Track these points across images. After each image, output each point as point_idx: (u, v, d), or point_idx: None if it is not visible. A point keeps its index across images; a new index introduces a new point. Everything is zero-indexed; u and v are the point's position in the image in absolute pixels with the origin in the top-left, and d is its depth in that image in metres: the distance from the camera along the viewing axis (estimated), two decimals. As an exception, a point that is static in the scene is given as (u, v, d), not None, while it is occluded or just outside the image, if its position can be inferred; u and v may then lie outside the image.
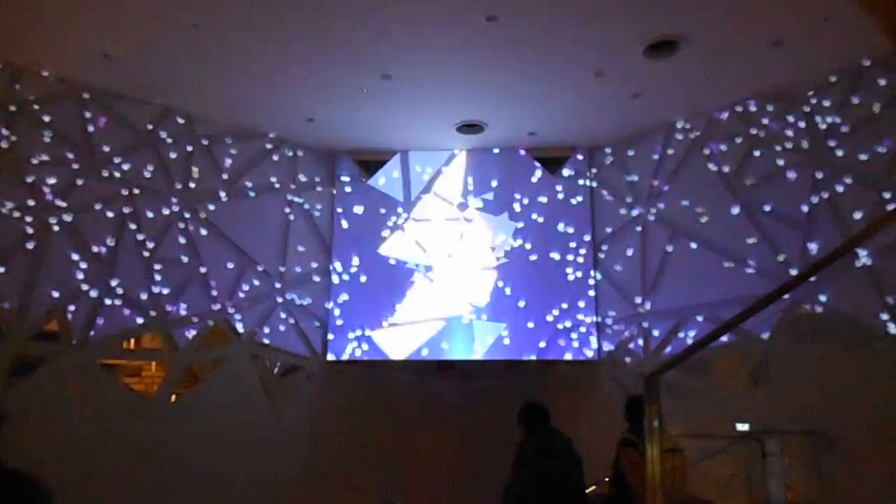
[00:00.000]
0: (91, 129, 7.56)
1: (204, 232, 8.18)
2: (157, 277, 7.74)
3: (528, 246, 9.00)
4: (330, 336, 8.93)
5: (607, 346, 8.69)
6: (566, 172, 9.18)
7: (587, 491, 5.69)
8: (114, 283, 7.44)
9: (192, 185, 8.18)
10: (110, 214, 7.55)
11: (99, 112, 7.63)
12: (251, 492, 7.85)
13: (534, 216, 9.07)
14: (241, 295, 8.33)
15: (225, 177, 8.44)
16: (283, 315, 8.63)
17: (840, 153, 7.04)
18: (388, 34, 6.51)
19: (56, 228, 7.18)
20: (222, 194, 8.40)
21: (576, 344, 8.73)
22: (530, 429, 4.73)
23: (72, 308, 7.16)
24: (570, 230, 9.00)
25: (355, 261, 9.12)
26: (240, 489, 7.78)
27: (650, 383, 2.86)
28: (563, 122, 8.53)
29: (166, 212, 7.94)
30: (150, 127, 7.94)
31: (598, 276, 8.90)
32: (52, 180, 7.22)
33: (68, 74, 7.35)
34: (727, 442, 6.67)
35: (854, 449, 6.23)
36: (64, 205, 7.26)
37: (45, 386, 6.89)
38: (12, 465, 2.60)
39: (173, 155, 8.08)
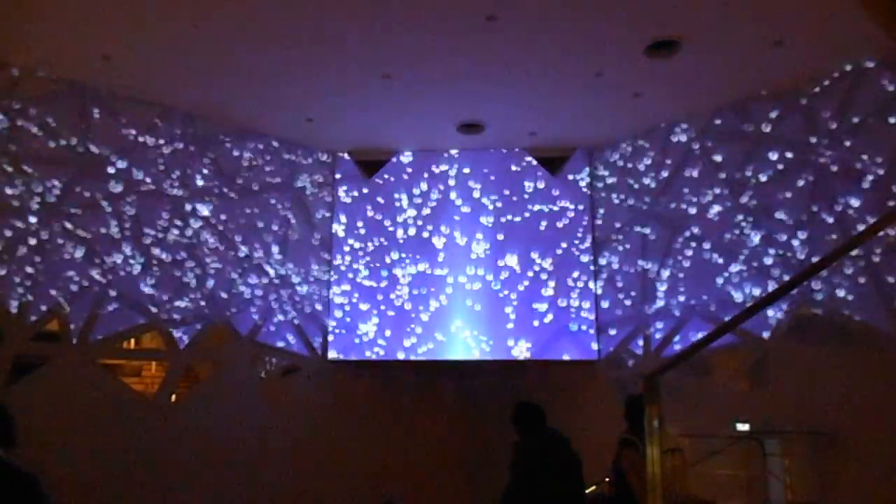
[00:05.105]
0: (91, 128, 7.56)
1: (204, 232, 8.18)
2: (158, 277, 7.74)
3: (528, 246, 8.99)
4: (330, 336, 8.93)
5: (607, 347, 8.69)
6: (566, 172, 9.18)
7: (587, 491, 5.68)
8: (114, 283, 7.45)
9: (191, 184, 8.18)
10: (110, 214, 7.56)
11: (99, 112, 7.63)
12: (251, 492, 7.84)
13: (534, 216, 9.06)
14: (241, 294, 8.33)
15: (224, 176, 8.44)
16: (282, 315, 8.63)
17: (840, 153, 7.04)
18: (388, 34, 6.51)
19: (56, 228, 7.18)
20: (222, 194, 8.40)
21: (576, 344, 8.73)
22: (526, 430, 4.70)
23: (72, 308, 7.16)
24: (571, 230, 9.00)
25: (355, 260, 9.11)
26: (240, 489, 7.77)
27: (650, 383, 2.86)
28: (563, 122, 8.52)
29: (166, 211, 7.94)
30: (150, 127, 7.94)
31: (599, 276, 8.89)
32: (52, 180, 7.22)
33: (68, 74, 7.35)
34: (727, 442, 6.67)
35: (854, 449, 6.23)
36: (64, 205, 7.26)
37: (45, 386, 6.90)
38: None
39: (173, 154, 8.08)
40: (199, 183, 8.24)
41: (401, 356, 8.82)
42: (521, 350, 8.71)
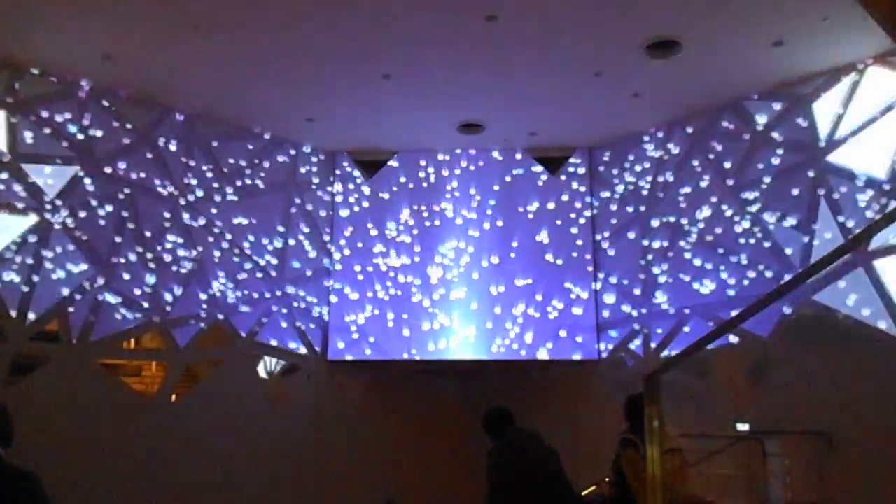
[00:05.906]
0: (91, 128, 7.56)
1: (204, 231, 8.18)
2: (157, 277, 7.74)
3: (528, 246, 8.98)
4: (330, 336, 8.93)
5: (607, 346, 8.69)
6: (566, 172, 9.18)
7: (585, 492, 5.67)
8: (114, 283, 7.45)
9: (191, 184, 8.18)
10: (110, 214, 7.56)
11: (99, 112, 7.63)
12: (251, 491, 7.84)
13: (534, 216, 9.06)
14: (241, 294, 8.33)
15: (224, 176, 8.44)
16: (282, 315, 8.62)
17: (840, 153, 7.04)
18: (388, 34, 6.51)
19: (56, 228, 7.18)
20: (222, 194, 8.39)
21: (576, 344, 8.72)
22: (496, 434, 4.72)
23: (72, 308, 7.16)
24: (571, 230, 9.00)
25: (355, 261, 9.11)
26: (239, 488, 7.77)
27: (650, 383, 2.85)
28: (563, 122, 8.52)
29: (166, 211, 7.94)
30: (150, 127, 7.94)
31: (599, 277, 8.89)
32: (51, 180, 7.22)
33: (68, 74, 7.35)
34: (727, 442, 6.67)
35: (854, 449, 6.23)
36: (64, 204, 7.26)
37: (45, 386, 6.89)
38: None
39: (173, 154, 8.08)
40: (199, 183, 8.24)
41: (401, 356, 8.81)
42: (521, 350, 8.71)
